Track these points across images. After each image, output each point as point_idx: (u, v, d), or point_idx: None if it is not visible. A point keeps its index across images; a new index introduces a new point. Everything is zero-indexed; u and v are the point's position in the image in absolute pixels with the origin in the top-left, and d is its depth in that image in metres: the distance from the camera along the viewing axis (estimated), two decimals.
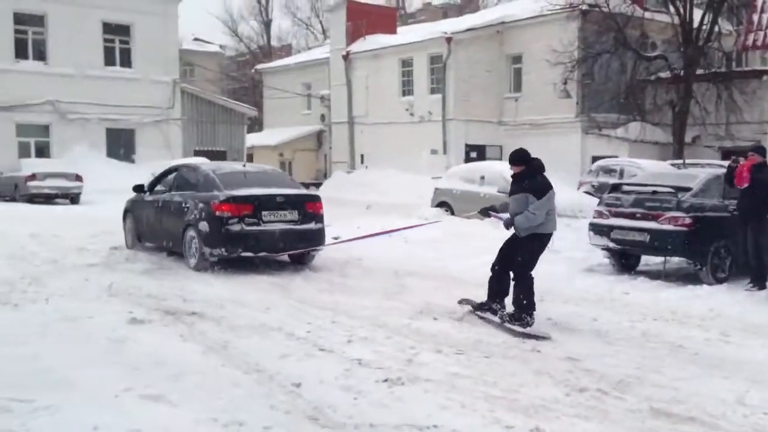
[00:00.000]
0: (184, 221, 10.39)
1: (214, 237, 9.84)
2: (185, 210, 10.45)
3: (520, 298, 7.04)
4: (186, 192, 10.80)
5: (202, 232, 9.94)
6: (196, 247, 10.09)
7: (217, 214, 9.84)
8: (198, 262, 10.09)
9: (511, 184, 7.51)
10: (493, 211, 7.78)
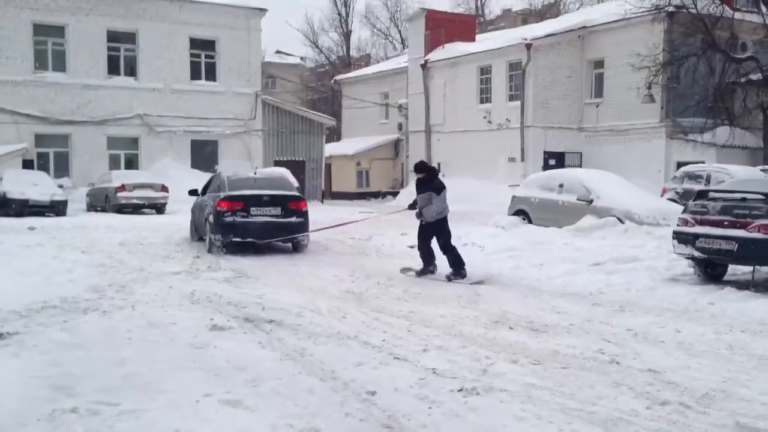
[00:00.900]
0: (204, 215, 13.16)
1: (216, 226, 12.53)
2: (207, 207, 13.18)
3: (454, 261, 10.06)
4: (213, 193, 13.45)
5: (210, 223, 12.68)
6: (209, 234, 12.74)
7: (218, 208, 12.50)
8: (209, 246, 12.76)
9: (416, 187, 10.58)
10: (412, 208, 10.68)
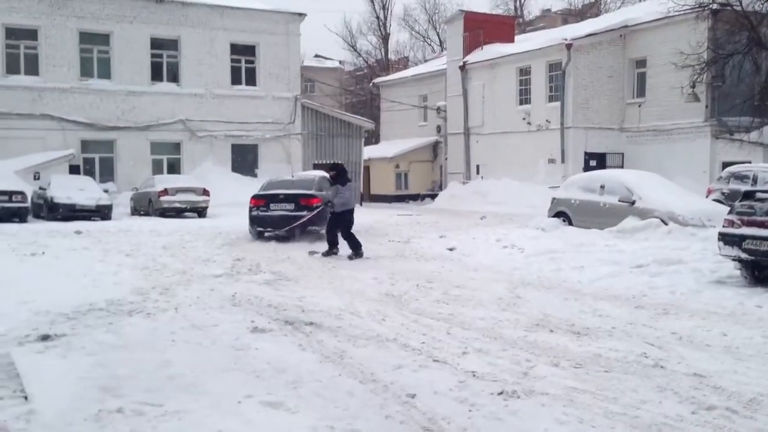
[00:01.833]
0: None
1: (250, 219, 16.21)
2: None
3: (352, 245, 12.79)
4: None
5: (249, 216, 16.20)
6: (248, 225, 16.48)
7: (250, 205, 16.18)
8: (252, 235, 16.31)
9: (329, 183, 13.73)
10: (332, 202, 13.26)
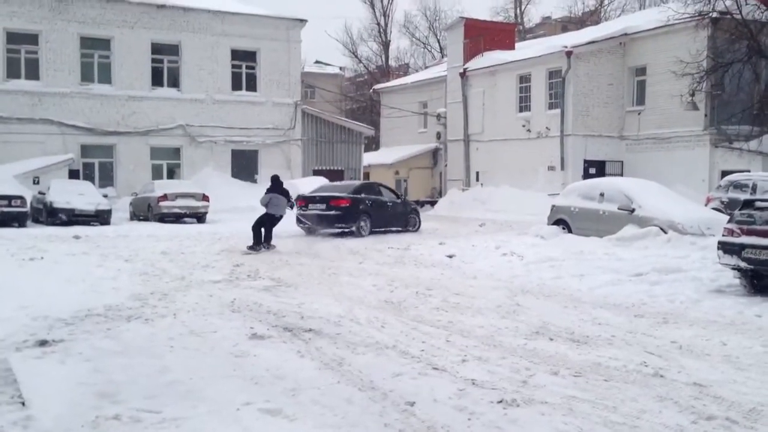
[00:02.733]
0: None
1: (296, 216, 19.11)
2: None
3: (269, 240, 15.30)
4: None
5: (296, 215, 19.17)
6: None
7: (297, 205, 18.69)
8: (302, 230, 19.49)
9: (266, 190, 16.03)
10: (266, 206, 15.64)
